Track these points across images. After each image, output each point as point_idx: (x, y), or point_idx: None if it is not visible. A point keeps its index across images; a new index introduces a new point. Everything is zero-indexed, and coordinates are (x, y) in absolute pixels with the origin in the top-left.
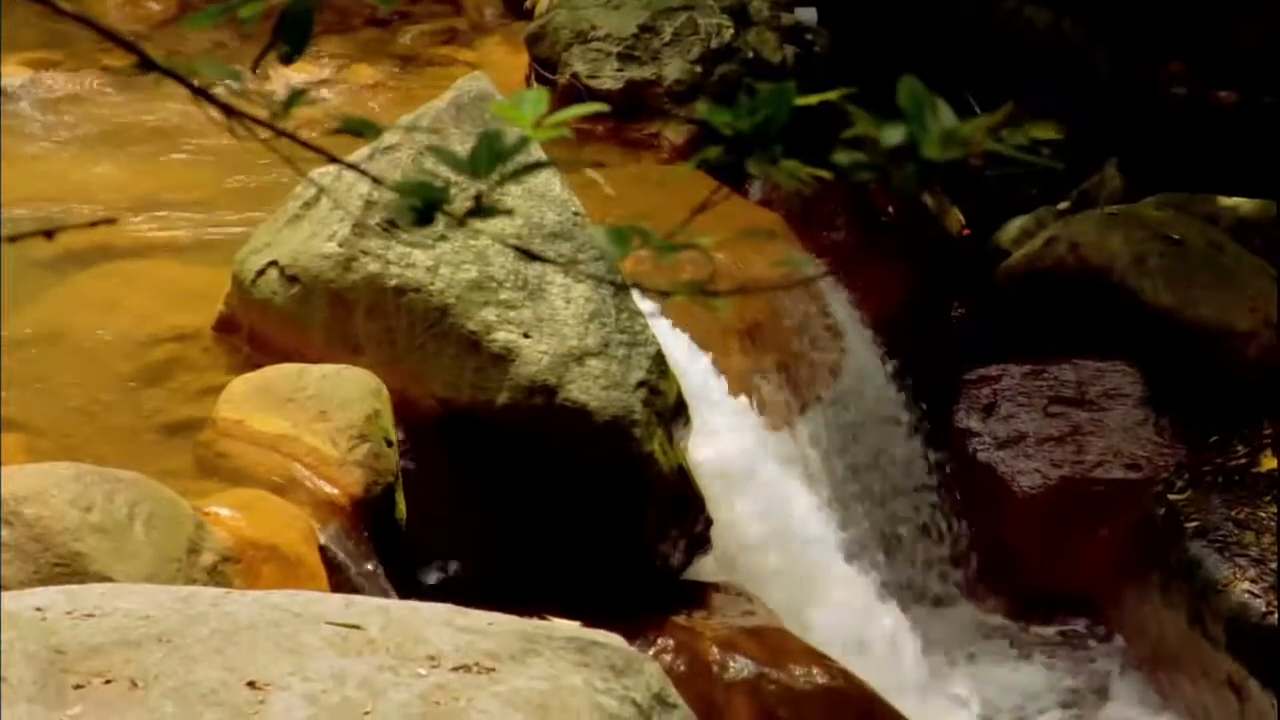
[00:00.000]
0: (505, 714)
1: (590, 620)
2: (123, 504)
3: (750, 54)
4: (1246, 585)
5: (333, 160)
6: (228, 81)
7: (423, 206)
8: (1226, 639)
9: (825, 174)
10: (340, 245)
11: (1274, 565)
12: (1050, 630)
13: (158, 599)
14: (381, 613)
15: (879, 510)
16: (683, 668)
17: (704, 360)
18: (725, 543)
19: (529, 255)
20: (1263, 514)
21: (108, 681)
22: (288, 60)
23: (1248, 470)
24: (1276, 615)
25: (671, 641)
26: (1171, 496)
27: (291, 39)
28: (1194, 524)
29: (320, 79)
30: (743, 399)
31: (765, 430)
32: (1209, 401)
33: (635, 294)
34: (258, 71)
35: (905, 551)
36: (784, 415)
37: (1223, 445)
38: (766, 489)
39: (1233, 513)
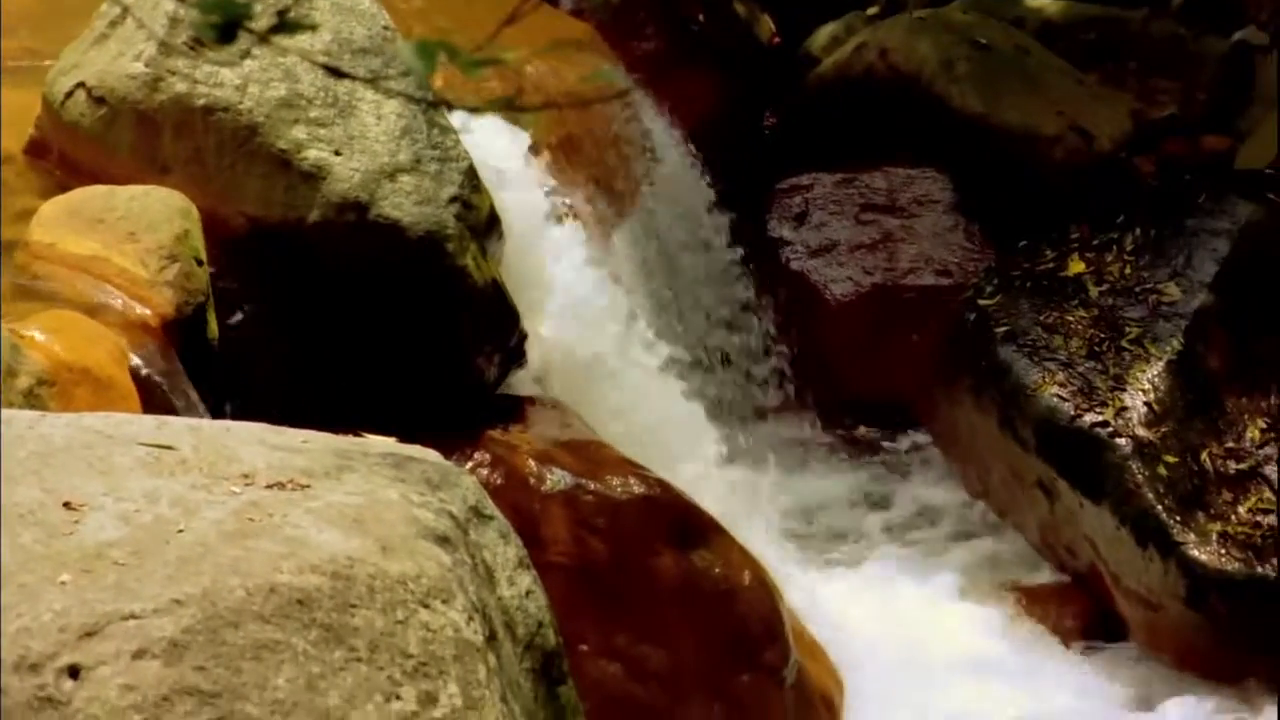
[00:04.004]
0: (319, 528)
1: (406, 436)
2: None
3: None
4: (1055, 389)
5: None
6: None
7: (224, 23)
8: (1036, 441)
9: None
10: (146, 65)
11: (1081, 369)
12: (863, 435)
13: None
14: (194, 433)
15: (692, 319)
16: (499, 481)
17: (517, 171)
18: (540, 352)
19: (337, 73)
20: (1070, 318)
21: None
22: None
23: (1055, 274)
24: (1084, 417)
25: (488, 455)
26: (981, 302)
27: None
28: (1003, 329)
29: None
30: (558, 210)
31: (580, 241)
32: (1017, 206)
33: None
34: None
35: (718, 361)
36: (598, 226)
37: (1031, 250)
38: (581, 299)
39: (1041, 317)
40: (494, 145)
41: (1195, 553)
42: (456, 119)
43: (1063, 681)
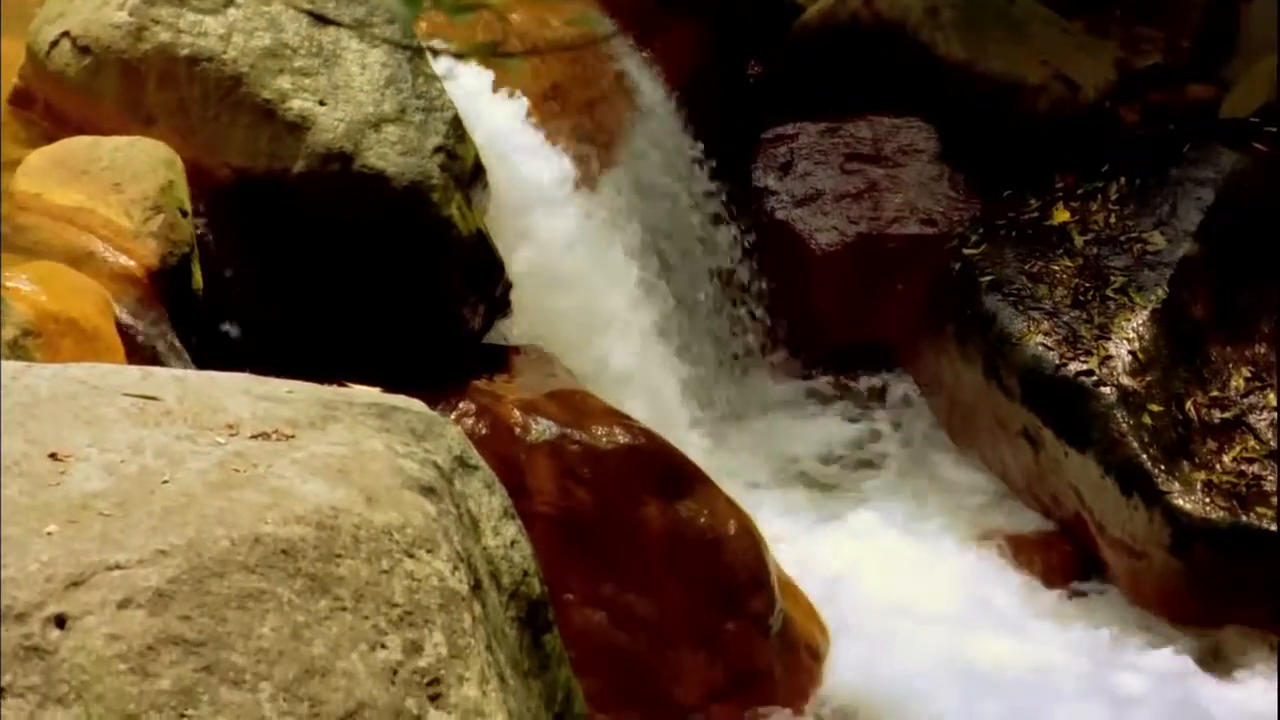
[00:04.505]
0: (304, 479)
1: (391, 386)
2: None
3: None
4: (1040, 338)
5: None
6: None
7: None
8: (1021, 390)
9: None
10: (130, 14)
11: (1066, 318)
12: (849, 385)
13: None
14: (178, 383)
15: (676, 269)
16: (484, 431)
17: (503, 118)
18: (528, 299)
19: (322, 20)
20: (1055, 267)
21: None
22: None
23: (1040, 223)
24: (1069, 366)
25: (473, 405)
26: (966, 251)
27: None
28: (989, 278)
29: None
30: (545, 158)
31: (568, 190)
32: (1002, 155)
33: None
34: None
35: (704, 309)
36: (585, 176)
37: (1016, 199)
38: (569, 246)
39: (1026, 266)
40: (486, 88)
41: (1180, 501)
42: (441, 65)
43: (1047, 627)
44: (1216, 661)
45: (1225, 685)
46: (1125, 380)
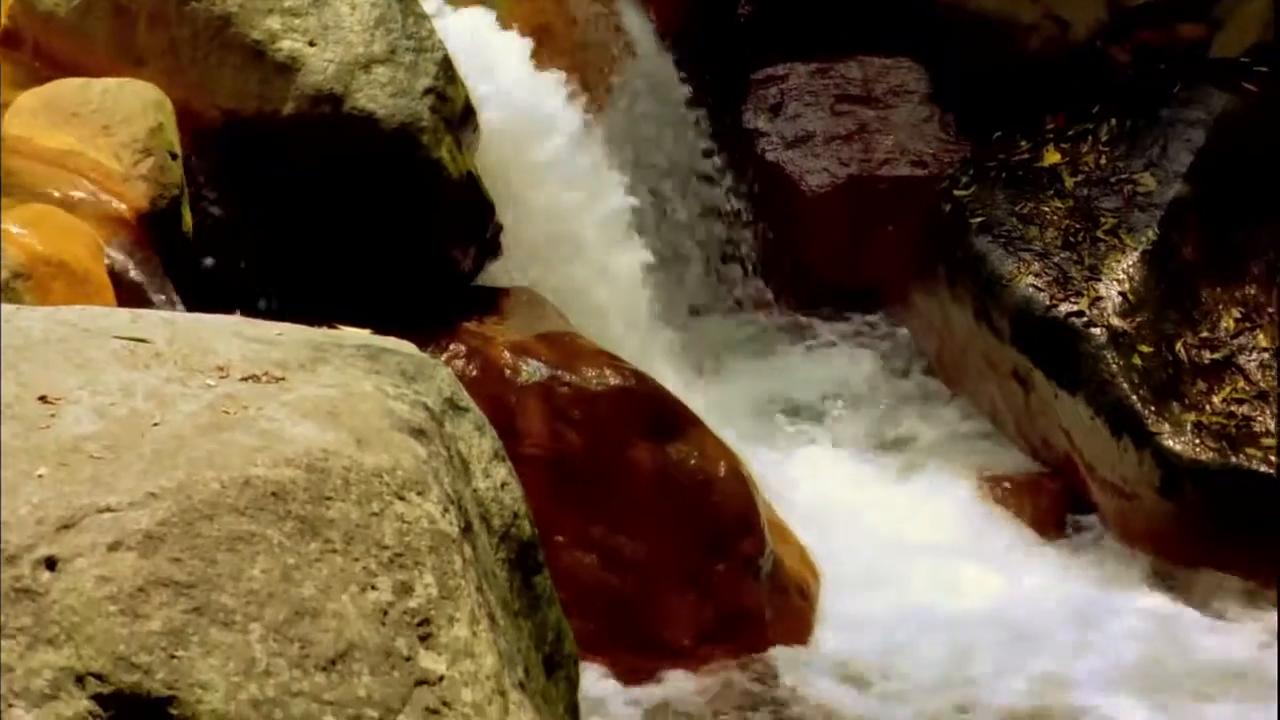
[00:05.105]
0: (295, 421)
1: (381, 328)
2: None
3: None
4: (1031, 279)
5: None
6: None
7: None
8: (1011, 332)
9: None
10: None
11: (1056, 259)
12: (839, 326)
13: None
14: (168, 326)
15: (666, 211)
16: (475, 372)
17: (495, 58)
18: (520, 245)
19: None
20: (1046, 208)
21: None
22: None
23: (1031, 165)
24: (1060, 307)
25: (463, 347)
26: (957, 192)
27: None
28: (979, 219)
29: None
30: (536, 98)
31: (558, 131)
32: (993, 96)
33: None
34: None
35: (693, 251)
36: (577, 116)
37: (1006, 140)
38: (558, 185)
39: (1017, 207)
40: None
41: (1170, 443)
42: (430, 3)
43: (1037, 568)
44: (1206, 603)
45: (1214, 627)
46: (1115, 321)
